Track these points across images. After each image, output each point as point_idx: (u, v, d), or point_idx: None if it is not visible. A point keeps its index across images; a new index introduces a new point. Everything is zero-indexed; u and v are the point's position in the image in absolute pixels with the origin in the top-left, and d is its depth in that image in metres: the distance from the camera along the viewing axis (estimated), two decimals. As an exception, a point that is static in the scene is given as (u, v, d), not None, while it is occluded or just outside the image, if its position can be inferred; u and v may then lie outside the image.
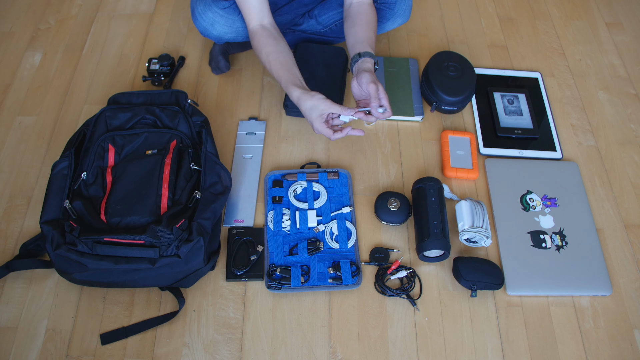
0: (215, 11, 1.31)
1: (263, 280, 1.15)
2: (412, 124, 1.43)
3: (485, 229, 1.17)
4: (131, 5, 1.68)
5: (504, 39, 1.64)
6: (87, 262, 1.03)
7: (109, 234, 1.04)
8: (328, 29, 1.48)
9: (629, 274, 1.21)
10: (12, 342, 1.08)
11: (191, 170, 1.17)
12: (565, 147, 1.41)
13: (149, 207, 1.08)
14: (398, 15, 1.44)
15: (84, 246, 1.03)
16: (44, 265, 1.15)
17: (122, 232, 1.04)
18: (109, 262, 1.03)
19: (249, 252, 1.18)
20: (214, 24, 1.33)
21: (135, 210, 1.08)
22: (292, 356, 1.08)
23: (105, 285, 1.09)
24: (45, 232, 1.06)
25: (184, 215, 1.09)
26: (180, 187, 1.14)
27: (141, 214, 1.07)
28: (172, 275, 1.08)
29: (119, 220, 1.07)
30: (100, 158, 1.17)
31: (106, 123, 1.21)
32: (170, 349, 1.08)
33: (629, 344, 1.12)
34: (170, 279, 1.09)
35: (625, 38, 1.66)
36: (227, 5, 1.32)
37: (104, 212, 1.08)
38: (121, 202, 1.09)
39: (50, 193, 1.12)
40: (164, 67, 1.47)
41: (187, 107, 1.26)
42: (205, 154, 1.18)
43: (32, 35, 1.60)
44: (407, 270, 1.17)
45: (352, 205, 1.25)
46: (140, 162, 1.15)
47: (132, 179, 1.12)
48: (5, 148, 1.36)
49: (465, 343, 1.11)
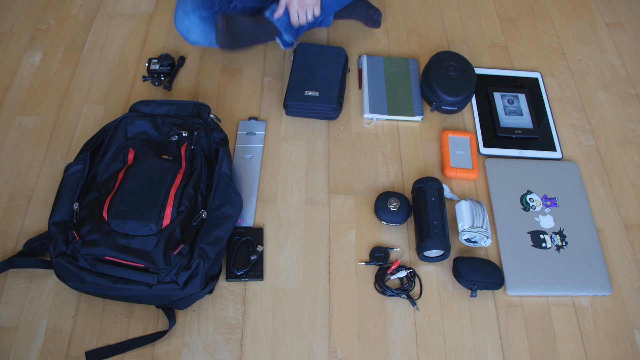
0: (192, 20, 1.34)
1: (262, 280, 1.15)
2: (412, 124, 1.43)
3: (485, 229, 1.17)
4: (131, 5, 1.68)
5: (504, 39, 1.64)
6: (85, 276, 1.03)
7: (111, 250, 1.03)
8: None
9: (629, 274, 1.21)
10: (12, 342, 1.08)
11: (201, 188, 1.15)
12: (565, 147, 1.41)
13: (151, 215, 1.06)
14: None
15: (84, 262, 1.03)
16: (45, 265, 1.15)
17: (123, 251, 1.03)
18: (107, 281, 1.03)
19: (249, 252, 1.18)
20: (190, 32, 1.35)
21: (137, 215, 1.06)
22: (292, 356, 1.08)
23: (100, 297, 1.09)
24: (51, 233, 1.06)
25: (186, 237, 1.07)
26: (186, 201, 1.10)
27: (142, 220, 1.05)
28: (167, 298, 1.07)
29: (117, 223, 1.05)
30: (120, 162, 1.16)
31: (126, 130, 1.20)
32: (170, 349, 1.08)
33: (629, 344, 1.12)
34: (165, 300, 1.08)
35: (625, 38, 1.66)
36: (205, 15, 1.33)
37: (107, 210, 1.07)
38: (125, 203, 1.07)
39: (61, 194, 1.12)
40: (164, 67, 1.47)
41: (210, 121, 1.25)
42: (220, 173, 1.16)
43: (32, 35, 1.60)
44: (407, 270, 1.17)
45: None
46: (155, 163, 1.13)
47: (141, 180, 1.10)
48: (5, 148, 1.36)
49: (465, 343, 1.11)
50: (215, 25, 1.30)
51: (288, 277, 1.18)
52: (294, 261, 1.20)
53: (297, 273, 1.18)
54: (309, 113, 1.40)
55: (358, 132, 1.40)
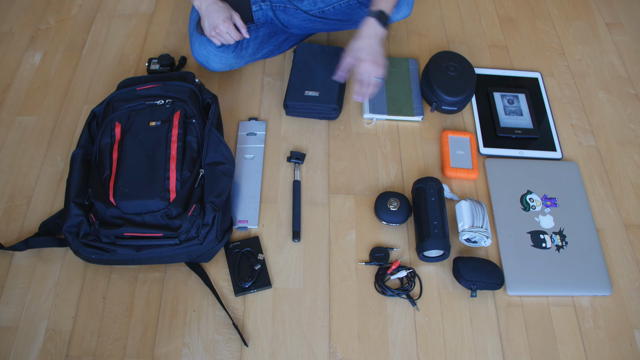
0: (210, 50, 1.36)
1: (271, 288, 1.15)
2: (412, 124, 1.43)
3: (485, 229, 1.17)
4: (131, 5, 1.68)
5: (504, 39, 1.64)
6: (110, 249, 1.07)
7: (127, 227, 1.07)
8: (331, 8, 1.40)
9: (629, 274, 1.21)
10: (12, 342, 1.08)
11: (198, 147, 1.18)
12: (565, 147, 1.41)
13: (157, 190, 1.10)
14: (403, 4, 1.41)
15: (107, 239, 1.07)
16: (60, 244, 1.17)
17: (139, 226, 1.07)
18: (132, 250, 1.07)
19: (251, 263, 1.18)
20: (209, 61, 1.38)
21: (143, 194, 1.09)
22: (292, 356, 1.08)
23: (122, 264, 1.14)
24: (73, 213, 1.09)
25: (194, 199, 1.11)
26: (187, 167, 1.14)
27: (150, 197, 1.09)
28: (187, 254, 1.12)
29: (125, 206, 1.08)
30: (108, 137, 1.18)
31: (113, 106, 1.23)
32: (170, 349, 1.08)
33: (629, 344, 1.12)
34: (186, 257, 1.13)
35: (625, 38, 1.66)
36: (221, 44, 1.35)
37: (113, 194, 1.10)
38: (129, 184, 1.10)
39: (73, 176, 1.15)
40: (164, 67, 1.47)
41: (196, 85, 1.29)
42: (210, 129, 1.20)
43: (32, 35, 1.60)
44: (407, 270, 1.17)
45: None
46: (146, 135, 1.16)
47: (137, 157, 1.13)
48: (5, 148, 1.36)
49: (465, 343, 1.11)
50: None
51: (288, 277, 1.18)
52: (294, 261, 1.20)
53: (297, 273, 1.18)
54: (309, 113, 1.40)
55: (358, 132, 1.40)
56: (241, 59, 1.40)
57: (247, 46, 1.40)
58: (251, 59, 1.44)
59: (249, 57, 1.42)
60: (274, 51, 1.48)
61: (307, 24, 1.42)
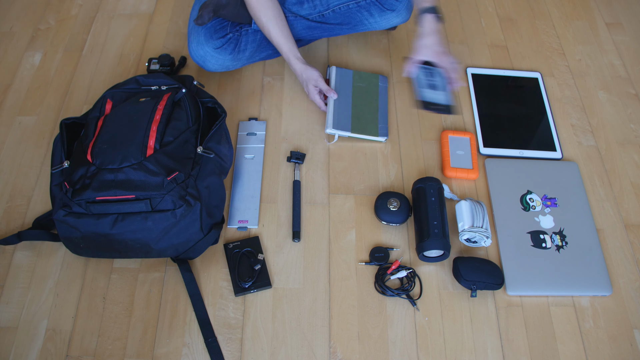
0: (207, 51, 1.36)
1: (271, 288, 1.15)
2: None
3: (485, 229, 1.17)
4: (131, 5, 1.68)
5: (504, 39, 1.64)
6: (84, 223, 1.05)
7: (98, 191, 1.04)
8: (330, 11, 1.40)
9: (629, 274, 1.21)
10: (12, 342, 1.08)
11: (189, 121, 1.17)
12: (565, 147, 1.41)
13: (133, 145, 1.08)
14: (402, 9, 1.41)
15: (79, 207, 1.06)
16: (53, 238, 1.18)
17: (112, 186, 1.04)
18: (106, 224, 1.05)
19: (251, 263, 1.18)
20: (206, 62, 1.38)
21: (119, 149, 1.08)
22: (292, 356, 1.08)
23: (108, 255, 1.11)
24: (54, 193, 1.10)
25: (181, 169, 1.09)
26: (170, 133, 1.13)
27: (125, 151, 1.07)
28: (167, 240, 1.08)
29: (102, 159, 1.06)
30: (97, 111, 1.19)
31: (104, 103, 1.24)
32: (170, 349, 1.08)
33: (629, 344, 1.12)
34: (167, 244, 1.09)
35: (625, 38, 1.66)
36: (219, 45, 1.35)
37: (90, 152, 1.09)
38: (108, 142, 1.09)
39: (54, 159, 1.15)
40: (164, 67, 1.47)
41: (193, 88, 1.28)
42: (222, 122, 1.21)
43: (32, 35, 1.60)
44: (407, 270, 1.17)
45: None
46: (133, 107, 1.16)
47: (121, 122, 1.13)
48: (5, 148, 1.36)
49: (465, 343, 1.11)
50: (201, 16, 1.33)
51: (288, 277, 1.18)
52: (294, 261, 1.20)
53: (297, 273, 1.18)
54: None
55: (358, 132, 1.40)
56: (238, 61, 1.40)
57: (244, 49, 1.39)
58: (248, 61, 1.43)
59: (246, 59, 1.42)
60: (272, 55, 1.48)
61: (307, 31, 1.43)
